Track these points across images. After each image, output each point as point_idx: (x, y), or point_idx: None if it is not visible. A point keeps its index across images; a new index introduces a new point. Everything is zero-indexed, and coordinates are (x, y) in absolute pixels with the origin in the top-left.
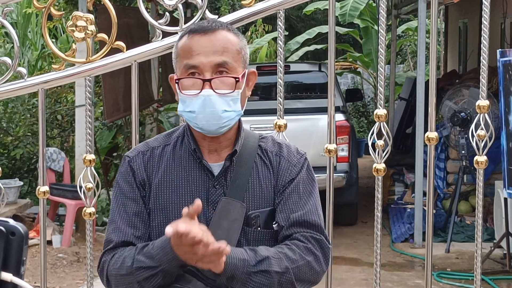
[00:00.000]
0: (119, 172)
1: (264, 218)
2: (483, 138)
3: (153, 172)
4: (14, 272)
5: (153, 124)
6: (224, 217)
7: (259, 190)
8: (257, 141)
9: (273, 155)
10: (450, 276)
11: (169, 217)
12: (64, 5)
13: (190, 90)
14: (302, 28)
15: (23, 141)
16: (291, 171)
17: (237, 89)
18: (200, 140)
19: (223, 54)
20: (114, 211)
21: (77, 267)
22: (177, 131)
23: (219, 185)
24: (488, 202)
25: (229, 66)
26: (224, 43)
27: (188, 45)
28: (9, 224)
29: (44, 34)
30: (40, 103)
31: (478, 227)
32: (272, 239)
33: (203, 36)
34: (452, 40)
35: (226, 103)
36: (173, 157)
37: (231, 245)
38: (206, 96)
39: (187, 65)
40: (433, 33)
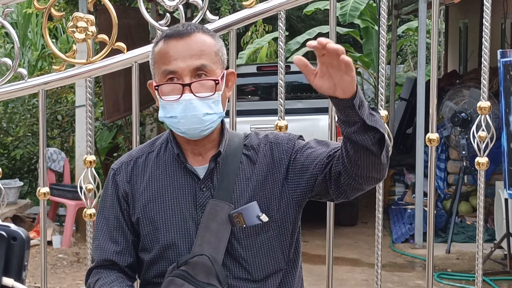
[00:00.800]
0: (105, 184)
1: (248, 213)
2: (484, 139)
3: (137, 182)
4: (15, 277)
5: (153, 124)
6: (212, 220)
7: (247, 189)
8: (242, 140)
9: (260, 147)
10: (450, 276)
11: (158, 224)
12: (64, 6)
13: (170, 96)
14: (302, 28)
15: (23, 141)
16: (286, 150)
17: (217, 91)
18: (184, 144)
19: (201, 57)
20: (97, 225)
21: (77, 268)
22: (160, 138)
23: (206, 188)
24: (488, 203)
25: (208, 69)
26: (201, 46)
27: (165, 50)
28: (10, 229)
29: (45, 35)
30: (41, 104)
31: (479, 228)
32: (262, 230)
33: (179, 41)
34: (452, 41)
35: (208, 106)
36: (157, 164)
37: (221, 247)
38: (187, 100)
39: (166, 71)
40: (434, 34)
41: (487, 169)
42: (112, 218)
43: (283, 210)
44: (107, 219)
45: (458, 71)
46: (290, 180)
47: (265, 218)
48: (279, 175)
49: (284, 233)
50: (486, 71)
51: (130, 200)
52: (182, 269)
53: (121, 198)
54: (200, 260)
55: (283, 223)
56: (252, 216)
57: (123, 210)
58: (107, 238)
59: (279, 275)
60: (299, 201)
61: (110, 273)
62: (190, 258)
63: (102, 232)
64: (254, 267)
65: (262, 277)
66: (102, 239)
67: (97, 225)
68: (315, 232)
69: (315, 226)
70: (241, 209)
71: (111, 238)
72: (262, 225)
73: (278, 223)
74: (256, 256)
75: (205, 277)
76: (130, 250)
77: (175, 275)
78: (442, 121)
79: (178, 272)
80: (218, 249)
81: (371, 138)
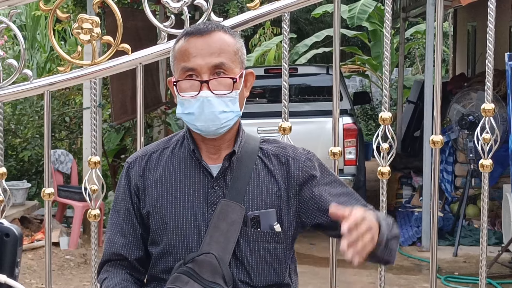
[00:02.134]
0: (119, 178)
1: (264, 219)
2: (488, 141)
3: (149, 175)
4: (8, 273)
5: (161, 126)
6: (222, 219)
7: (259, 192)
8: (258, 143)
9: (278, 157)
10: (457, 280)
11: (167, 219)
12: (72, 7)
13: (188, 92)
14: (310, 31)
15: (31, 143)
16: (303, 168)
17: (235, 89)
18: (200, 142)
19: (220, 55)
20: (109, 218)
21: (84, 269)
22: (177, 135)
23: (218, 187)
24: (496, 206)
25: (226, 67)
26: (221, 44)
27: (185, 48)
28: (3, 226)
29: (50, 37)
30: (46, 106)
31: (483, 231)
32: (273, 240)
33: (200, 38)
34: (460, 43)
35: (224, 104)
36: (171, 159)
37: (229, 247)
38: (204, 97)
39: (185, 68)
40: (439, 36)
41: (494, 172)
42: (123, 211)
43: (292, 224)
44: (118, 212)
45: (466, 74)
46: (301, 200)
47: (278, 228)
48: (292, 190)
49: (289, 247)
50: (490, 73)
51: (141, 194)
52: (188, 266)
53: (132, 192)
54: (207, 258)
55: (290, 237)
56: (268, 223)
57: (133, 204)
58: (117, 231)
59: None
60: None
61: (117, 273)
62: (197, 256)
63: (113, 225)
64: (257, 273)
65: (262, 285)
66: (113, 232)
67: (110, 218)
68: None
69: None
70: (260, 213)
71: (120, 231)
72: (275, 233)
73: (287, 235)
74: (262, 262)
75: (211, 275)
76: (139, 244)
77: (181, 271)
78: (450, 124)
79: (184, 269)
80: (226, 249)
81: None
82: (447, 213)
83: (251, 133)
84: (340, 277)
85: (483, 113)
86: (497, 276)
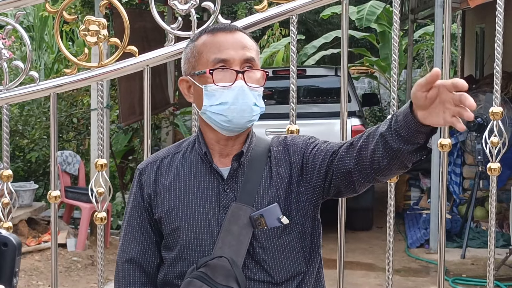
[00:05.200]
0: (131, 185)
1: (269, 216)
2: (496, 145)
3: (161, 181)
4: (6, 283)
5: (169, 127)
6: (234, 223)
7: (270, 193)
8: (268, 145)
9: (280, 149)
10: (465, 282)
11: (180, 223)
12: (80, 9)
13: (223, 82)
14: (319, 32)
15: (39, 144)
16: (300, 146)
17: (262, 85)
18: (213, 143)
19: (250, 50)
20: (122, 226)
21: (91, 271)
22: (187, 140)
23: (230, 189)
24: (504, 208)
25: (255, 63)
26: (247, 42)
27: (214, 41)
28: (1, 235)
29: (57, 38)
30: (52, 107)
31: (491, 234)
32: (283, 233)
33: (228, 34)
34: (469, 45)
35: (255, 97)
36: (182, 164)
37: (242, 250)
38: (239, 87)
39: (216, 59)
40: (447, 38)
41: (502, 174)
42: (136, 218)
43: (302, 212)
44: (130, 219)
45: (475, 75)
46: (304, 180)
47: (285, 220)
48: (295, 176)
49: (305, 235)
50: (498, 76)
51: (153, 200)
52: (201, 271)
53: (145, 198)
54: (220, 262)
55: (303, 225)
56: (273, 218)
57: (147, 210)
58: (130, 239)
59: (299, 277)
60: (313, 201)
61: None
62: (210, 260)
63: (127, 232)
64: (276, 270)
65: (283, 280)
66: (127, 240)
67: (122, 225)
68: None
69: (330, 230)
70: (262, 211)
71: (134, 238)
72: (283, 227)
73: (298, 225)
74: (278, 258)
75: (224, 279)
76: (154, 251)
77: (194, 276)
78: None
79: (197, 274)
80: (238, 252)
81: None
82: (455, 215)
83: (260, 135)
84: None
85: (491, 116)
86: (504, 278)
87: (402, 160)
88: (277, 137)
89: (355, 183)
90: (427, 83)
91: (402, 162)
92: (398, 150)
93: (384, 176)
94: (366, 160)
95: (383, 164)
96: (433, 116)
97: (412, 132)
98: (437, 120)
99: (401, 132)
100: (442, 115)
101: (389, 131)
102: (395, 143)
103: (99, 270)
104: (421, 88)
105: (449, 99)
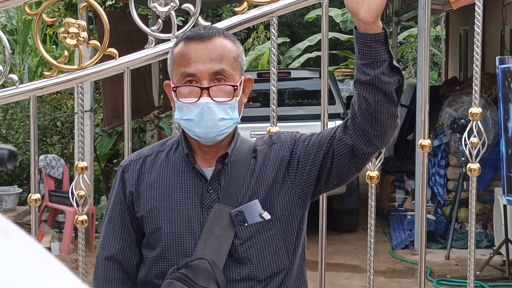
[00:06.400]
0: (113, 182)
1: (249, 212)
2: (476, 145)
3: (144, 179)
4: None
5: (153, 130)
6: (216, 224)
7: (253, 194)
8: (252, 146)
9: (265, 147)
10: (450, 283)
11: (162, 223)
12: (64, 11)
13: (188, 98)
14: (304, 35)
15: (23, 147)
16: (288, 142)
17: (235, 96)
18: (196, 148)
19: (221, 62)
20: (103, 223)
21: (76, 275)
22: (172, 139)
23: (213, 190)
24: (488, 209)
25: (227, 74)
26: (221, 50)
27: (185, 53)
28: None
29: (36, 41)
30: (32, 110)
31: (471, 234)
32: (266, 229)
33: (200, 44)
34: (453, 47)
35: (224, 111)
36: (166, 163)
37: (223, 252)
38: (205, 104)
39: (184, 73)
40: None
41: (486, 175)
42: (117, 215)
43: (288, 207)
44: (112, 216)
45: (459, 77)
46: (292, 174)
47: (267, 216)
48: (281, 172)
49: (290, 230)
50: (477, 77)
51: (135, 198)
52: (181, 272)
53: (127, 196)
54: (201, 264)
55: (289, 220)
56: (254, 214)
57: (128, 208)
58: (110, 236)
59: (282, 274)
60: (302, 196)
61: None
62: (191, 261)
63: (107, 229)
64: (258, 266)
65: (266, 276)
66: (106, 237)
67: (103, 222)
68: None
69: (315, 232)
70: (242, 208)
71: (114, 235)
72: (265, 222)
73: (282, 220)
74: (260, 254)
75: (204, 281)
76: (134, 249)
77: (174, 277)
78: (442, 127)
79: (178, 275)
80: (220, 253)
81: (395, 82)
82: (439, 216)
83: (245, 137)
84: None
85: (470, 117)
86: (489, 278)
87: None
88: (261, 137)
89: (360, 157)
90: None
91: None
92: (373, 79)
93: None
94: (360, 121)
95: (372, 109)
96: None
97: (367, 48)
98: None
99: (364, 60)
100: None
101: (358, 72)
102: (367, 75)
103: (80, 274)
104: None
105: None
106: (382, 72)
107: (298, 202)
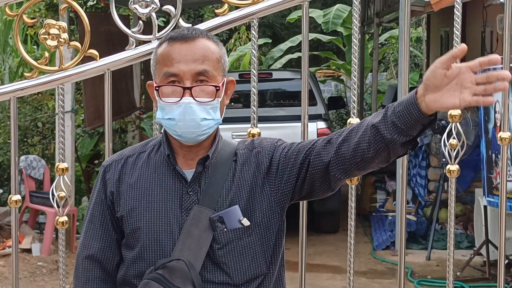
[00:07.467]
0: (95, 181)
1: (228, 218)
2: (455, 147)
3: (125, 179)
4: None
5: (135, 131)
6: (195, 226)
7: (233, 197)
8: (233, 149)
9: (245, 153)
10: (430, 283)
11: (141, 223)
12: (45, 12)
13: (170, 98)
14: (286, 36)
15: (3, 148)
16: (269, 148)
17: (217, 97)
18: (177, 148)
19: (204, 62)
20: (84, 222)
21: (57, 276)
22: (154, 140)
23: (193, 192)
24: (468, 210)
25: (209, 75)
26: (204, 51)
27: (168, 53)
28: None
29: (16, 41)
30: (12, 112)
31: (450, 235)
32: (245, 235)
33: (183, 44)
34: (434, 48)
35: (206, 112)
36: (147, 164)
37: (201, 253)
38: (187, 104)
39: (167, 73)
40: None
41: (467, 176)
42: (98, 215)
43: (267, 214)
44: (92, 216)
45: None
46: (270, 181)
47: (246, 222)
48: (261, 178)
49: (268, 237)
50: None
51: (116, 198)
52: (158, 273)
53: (108, 196)
54: (178, 265)
55: (267, 227)
56: (234, 220)
57: (109, 208)
58: (91, 235)
59: (259, 279)
60: (280, 203)
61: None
62: (168, 262)
63: (87, 228)
64: (235, 271)
65: (242, 282)
66: (87, 236)
67: (84, 221)
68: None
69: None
70: (222, 213)
71: (95, 235)
72: (244, 229)
73: (261, 227)
74: (238, 260)
75: (181, 282)
76: (114, 248)
77: (151, 278)
78: None
79: (154, 275)
80: (197, 255)
81: (404, 152)
82: (420, 217)
83: (226, 138)
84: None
85: (449, 119)
86: (469, 279)
87: (389, 152)
88: (243, 141)
89: (331, 178)
90: (452, 57)
91: (388, 154)
92: (391, 141)
93: (363, 169)
94: (347, 153)
95: (368, 155)
96: (447, 97)
97: (412, 122)
98: (452, 101)
99: (398, 122)
100: (459, 95)
101: (383, 122)
102: (390, 134)
103: (61, 275)
104: (442, 65)
105: (471, 79)
106: (402, 141)
107: (276, 209)
